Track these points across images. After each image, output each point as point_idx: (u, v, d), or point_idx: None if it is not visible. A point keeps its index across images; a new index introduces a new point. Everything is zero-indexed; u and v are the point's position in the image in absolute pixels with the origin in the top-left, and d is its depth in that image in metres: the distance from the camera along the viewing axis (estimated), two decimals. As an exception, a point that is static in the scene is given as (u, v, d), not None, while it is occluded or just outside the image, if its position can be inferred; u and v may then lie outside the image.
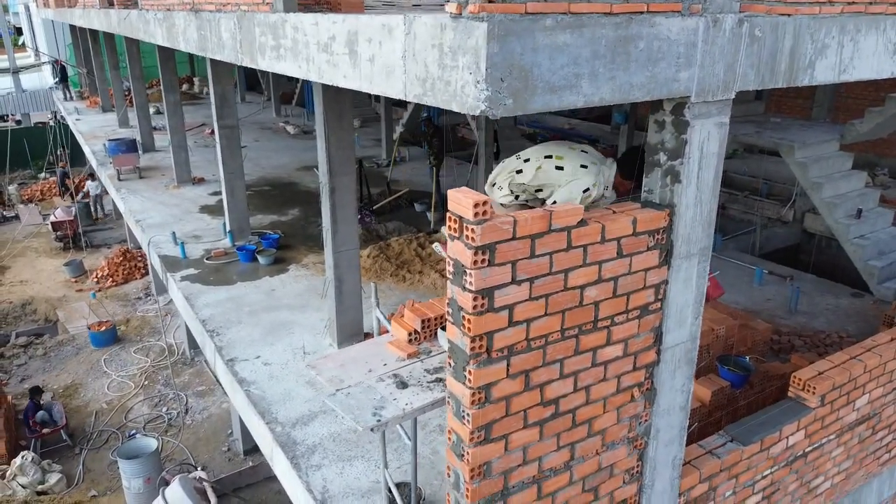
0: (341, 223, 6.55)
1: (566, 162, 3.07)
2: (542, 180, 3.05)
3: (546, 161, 3.10)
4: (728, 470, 4.01)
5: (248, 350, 7.11)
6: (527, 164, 3.12)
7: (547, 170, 3.06)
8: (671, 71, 2.74)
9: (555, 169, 3.06)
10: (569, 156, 3.11)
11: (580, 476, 3.22)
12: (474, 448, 2.79)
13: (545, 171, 3.06)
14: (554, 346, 2.88)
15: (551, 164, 3.08)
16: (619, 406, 3.24)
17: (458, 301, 2.65)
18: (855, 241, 8.41)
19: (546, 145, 3.26)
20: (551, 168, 3.06)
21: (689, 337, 3.37)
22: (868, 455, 5.06)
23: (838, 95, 14.09)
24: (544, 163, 3.09)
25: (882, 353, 4.69)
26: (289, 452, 5.48)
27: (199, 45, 5.29)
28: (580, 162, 3.08)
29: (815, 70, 3.28)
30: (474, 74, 2.30)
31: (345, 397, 3.12)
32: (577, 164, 3.07)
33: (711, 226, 3.24)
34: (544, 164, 3.09)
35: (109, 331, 14.40)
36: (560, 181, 3.00)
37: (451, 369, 2.79)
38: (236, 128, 9.76)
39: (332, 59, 3.28)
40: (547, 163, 3.09)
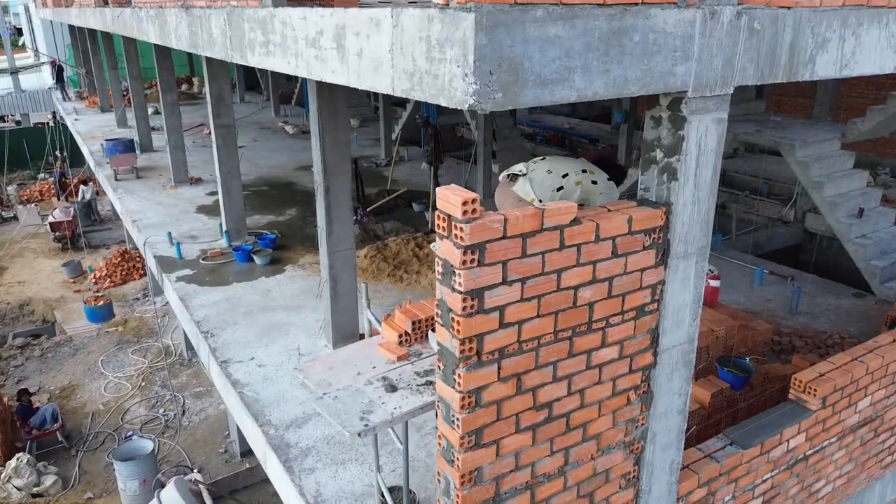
0: (336, 223, 6.47)
1: (597, 176, 3.13)
2: (584, 196, 3.06)
3: (584, 175, 3.13)
4: (727, 474, 3.92)
5: (243, 351, 7.03)
6: (566, 180, 3.11)
7: (586, 185, 3.09)
8: (667, 65, 2.66)
9: (591, 183, 3.10)
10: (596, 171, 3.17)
11: (575, 482, 3.14)
12: (464, 453, 2.71)
13: (585, 186, 3.09)
14: (547, 349, 2.80)
15: (588, 178, 3.12)
16: (615, 410, 3.15)
17: (448, 302, 2.57)
18: (857, 241, 8.32)
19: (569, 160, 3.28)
20: (589, 182, 3.10)
21: (686, 338, 3.29)
22: (870, 458, 4.97)
23: (840, 95, 14.00)
24: (583, 177, 3.12)
25: (884, 354, 4.60)
26: (282, 455, 5.40)
27: (190, 42, 5.21)
28: (605, 176, 3.14)
29: (815, 65, 3.20)
30: (462, 67, 2.22)
31: (332, 401, 3.04)
32: (605, 178, 3.14)
33: (710, 225, 3.16)
34: (583, 178, 3.11)
35: (105, 305, 14.22)
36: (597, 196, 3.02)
37: (441, 373, 2.71)
38: (232, 127, 9.68)
39: (320, 55, 3.20)
40: (584, 177, 3.12)
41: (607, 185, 3.09)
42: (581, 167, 3.15)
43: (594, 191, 3.08)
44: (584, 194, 3.05)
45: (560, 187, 3.10)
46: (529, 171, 3.16)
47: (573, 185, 3.06)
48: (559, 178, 3.10)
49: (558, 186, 3.10)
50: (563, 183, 3.09)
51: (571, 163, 3.22)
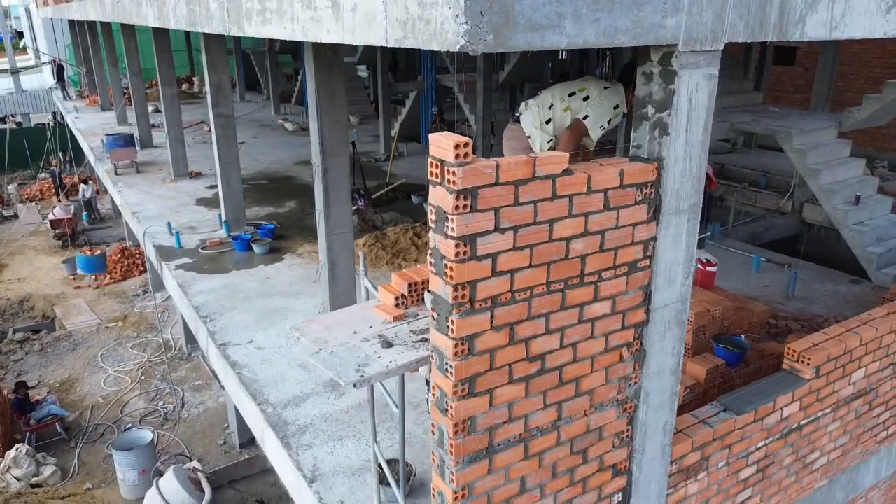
0: (334, 205, 6.50)
1: (590, 90, 3.12)
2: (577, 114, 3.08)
3: (572, 98, 3.12)
4: (721, 440, 3.95)
5: (241, 335, 7.05)
6: (552, 111, 3.12)
7: (577, 106, 3.09)
8: (657, 16, 2.69)
9: (582, 101, 3.10)
10: (590, 84, 3.16)
11: (568, 437, 3.16)
12: (458, 402, 2.74)
13: (575, 107, 3.09)
14: (539, 300, 2.82)
15: (577, 98, 3.11)
16: (608, 366, 3.18)
17: (441, 249, 2.60)
18: (853, 228, 8.35)
19: (561, 86, 3.29)
20: (580, 101, 3.10)
21: (679, 297, 3.31)
22: (865, 432, 4.99)
23: (837, 88, 14.06)
24: (571, 101, 3.11)
25: (878, 326, 4.63)
26: (279, 432, 5.42)
27: (188, 20, 5.26)
28: (602, 85, 3.13)
29: (805, 25, 3.23)
30: (453, 8, 2.26)
31: (328, 356, 3.07)
32: (601, 88, 3.12)
33: (701, 182, 3.19)
34: (571, 102, 3.11)
35: (100, 255, 14.21)
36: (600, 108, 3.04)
37: (435, 322, 2.73)
38: (232, 117, 9.73)
39: (315, 15, 3.24)
40: (573, 100, 3.12)
41: (602, 92, 3.10)
42: (569, 90, 3.18)
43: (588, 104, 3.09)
44: (575, 112, 3.08)
45: (548, 119, 3.13)
46: (523, 110, 3.22)
47: (561, 112, 3.09)
48: (546, 111, 3.13)
49: (546, 119, 3.14)
50: (550, 114, 3.12)
51: (560, 88, 3.26)
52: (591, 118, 3.39)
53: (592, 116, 3.37)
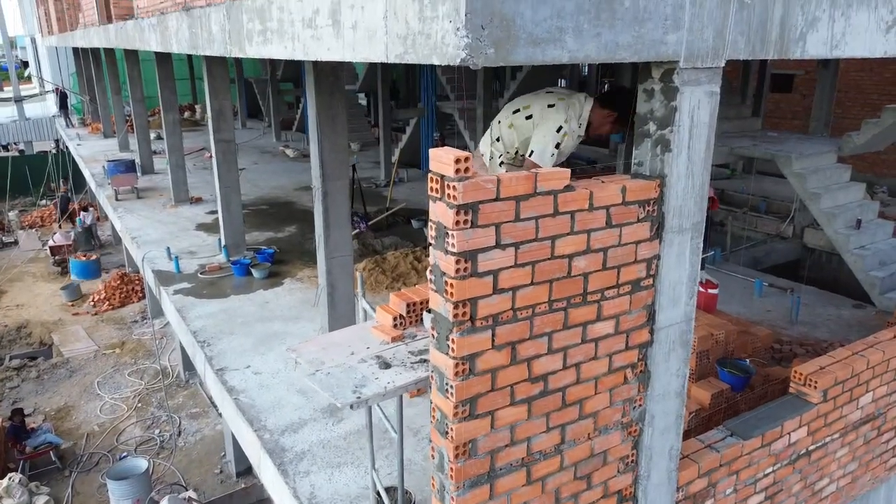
0: (334, 228, 6.47)
1: (533, 108, 3.03)
2: (521, 135, 3.01)
3: (515, 116, 3.06)
4: (728, 465, 3.85)
5: (239, 360, 6.97)
6: (500, 125, 3.07)
7: (520, 124, 3.02)
8: (658, 32, 2.68)
9: (525, 119, 3.02)
10: (535, 101, 3.07)
11: (571, 461, 3.08)
12: (458, 424, 2.66)
13: (518, 125, 3.02)
14: (541, 318, 2.77)
15: (521, 116, 3.04)
16: (612, 388, 3.11)
17: (441, 265, 2.55)
18: (855, 252, 8.31)
19: (513, 101, 3.22)
20: (522, 120, 3.02)
21: (683, 317, 3.25)
22: (874, 458, 4.88)
23: (835, 115, 14.13)
24: (514, 118, 3.05)
25: (885, 349, 4.56)
26: (276, 459, 5.31)
27: (190, 44, 5.28)
28: (546, 103, 3.04)
29: (806, 43, 3.23)
30: (454, 22, 2.24)
31: (325, 377, 2.99)
32: (543, 106, 3.03)
33: (704, 200, 3.16)
34: (514, 119, 3.05)
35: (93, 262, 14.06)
36: (538, 129, 2.95)
37: (435, 341, 2.67)
38: (233, 142, 9.75)
39: (316, 34, 3.23)
40: (517, 117, 3.05)
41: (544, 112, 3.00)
42: (515, 107, 3.13)
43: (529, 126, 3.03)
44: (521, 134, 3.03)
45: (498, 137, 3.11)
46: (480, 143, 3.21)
47: (507, 129, 3.06)
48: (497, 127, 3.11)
49: (497, 137, 3.12)
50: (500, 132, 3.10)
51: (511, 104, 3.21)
52: (535, 154, 3.22)
53: (537, 150, 3.16)
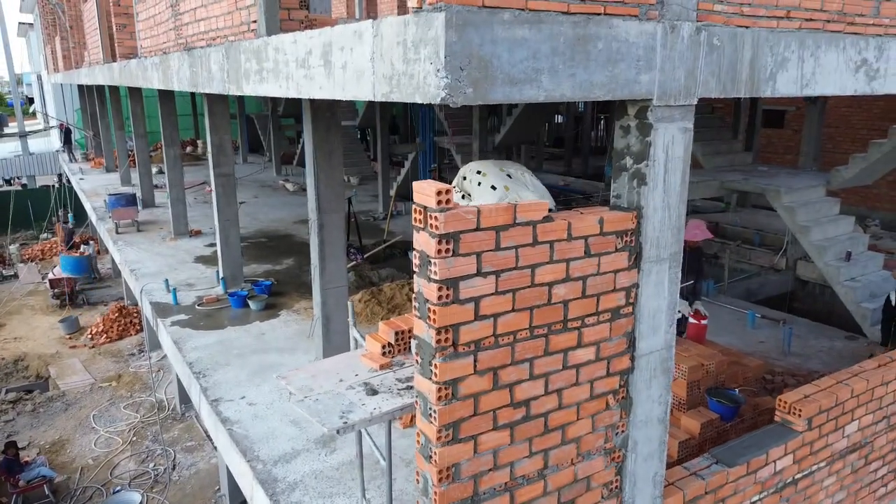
0: (329, 260, 6.59)
1: (485, 178, 3.24)
2: (466, 189, 3.19)
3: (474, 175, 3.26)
4: (714, 493, 3.89)
5: (234, 391, 7.01)
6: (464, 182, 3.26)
7: (471, 181, 3.22)
8: (631, 73, 2.83)
9: (477, 185, 3.22)
10: (491, 173, 3.27)
11: (555, 487, 3.14)
12: (442, 448, 2.73)
13: (469, 182, 3.22)
14: (523, 345, 2.86)
15: (477, 178, 3.24)
16: (594, 414, 3.18)
17: (424, 293, 2.65)
18: (846, 284, 8.41)
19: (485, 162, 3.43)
20: (475, 181, 3.22)
21: (664, 345, 3.34)
22: (863, 487, 4.91)
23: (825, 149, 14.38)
24: (473, 176, 3.25)
25: (869, 378, 4.63)
26: (269, 489, 5.33)
27: (191, 82, 5.47)
28: (492, 182, 3.23)
29: (777, 82, 3.38)
30: (434, 63, 2.39)
31: (313, 403, 3.07)
32: (489, 184, 3.22)
33: (681, 231, 3.27)
34: (471, 176, 3.24)
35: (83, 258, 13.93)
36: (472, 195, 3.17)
37: (419, 367, 2.76)
38: (232, 176, 9.93)
39: (308, 73, 3.39)
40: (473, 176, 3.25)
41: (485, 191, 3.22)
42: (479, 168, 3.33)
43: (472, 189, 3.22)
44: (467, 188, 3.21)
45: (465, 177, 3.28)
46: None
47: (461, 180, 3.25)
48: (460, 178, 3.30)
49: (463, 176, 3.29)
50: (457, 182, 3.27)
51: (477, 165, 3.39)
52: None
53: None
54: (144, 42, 7.39)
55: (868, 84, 3.81)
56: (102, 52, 10.59)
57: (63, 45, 17.81)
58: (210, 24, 5.00)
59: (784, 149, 17.70)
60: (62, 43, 17.95)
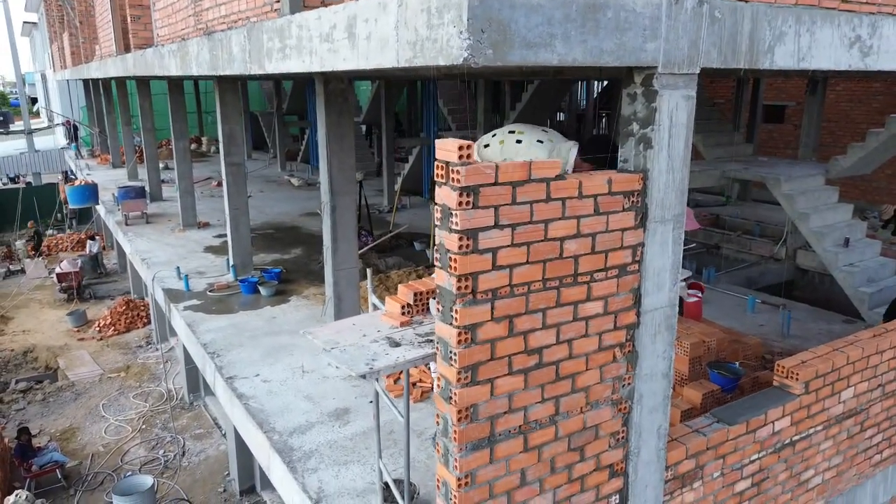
0: (341, 241, 6.79)
1: (525, 136, 3.33)
2: (506, 154, 3.31)
3: (509, 136, 3.37)
4: (714, 449, 4.09)
5: (248, 369, 7.21)
6: (493, 139, 3.38)
7: (509, 144, 3.32)
8: (638, 41, 3.03)
9: (515, 143, 3.33)
10: (529, 132, 3.38)
11: (566, 433, 3.33)
12: (461, 389, 2.93)
13: (508, 145, 3.32)
14: (536, 295, 3.06)
15: (513, 138, 3.35)
16: (602, 365, 3.38)
17: (445, 244, 2.85)
18: (844, 269, 8.60)
19: (513, 124, 3.54)
20: (513, 142, 3.33)
21: (667, 302, 3.54)
22: (859, 453, 5.10)
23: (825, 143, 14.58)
24: (507, 137, 3.36)
25: (864, 346, 4.82)
26: (285, 458, 5.53)
27: (210, 65, 5.67)
28: (537, 137, 3.35)
29: (774, 55, 3.58)
30: (457, 27, 2.59)
31: (340, 353, 3.27)
32: (534, 140, 3.33)
33: (684, 194, 3.47)
34: (507, 138, 3.35)
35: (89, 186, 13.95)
36: (518, 154, 3.27)
37: (440, 314, 2.96)
38: (242, 165, 10.14)
39: (332, 47, 3.59)
40: (510, 137, 3.36)
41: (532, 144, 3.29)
42: (511, 129, 3.43)
43: (516, 150, 3.31)
44: (507, 153, 3.31)
45: (486, 144, 3.41)
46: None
47: (497, 144, 3.36)
48: (489, 137, 3.41)
49: (485, 144, 3.41)
50: (490, 141, 3.40)
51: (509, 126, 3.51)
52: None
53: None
54: (161, 31, 7.60)
55: (862, 60, 4.01)
56: (115, 45, 10.80)
57: (72, 41, 18.03)
58: (232, 7, 5.20)
59: (784, 143, 17.91)
60: (70, 39, 18.17)
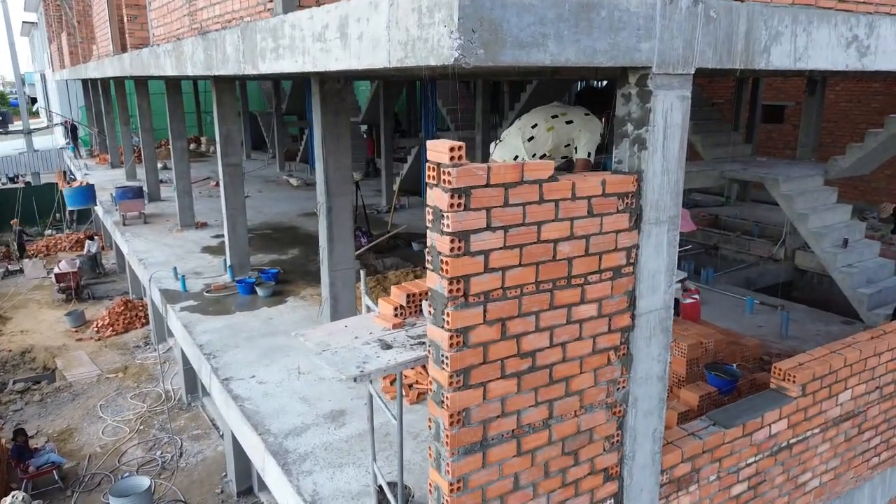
0: (337, 242, 6.76)
1: (571, 115, 3.24)
2: (563, 138, 3.19)
3: (554, 120, 3.26)
4: (710, 452, 4.05)
5: (244, 370, 7.18)
6: (536, 130, 3.26)
7: (560, 128, 3.21)
8: (632, 41, 3.00)
9: (566, 124, 3.22)
10: (569, 110, 3.29)
11: (560, 436, 3.30)
12: (453, 393, 2.90)
13: (559, 129, 3.21)
14: (529, 298, 3.02)
15: (560, 120, 3.23)
16: (596, 368, 3.35)
17: (437, 246, 2.82)
18: (843, 270, 8.57)
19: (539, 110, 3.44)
20: (563, 125, 3.22)
21: (663, 304, 3.51)
22: (856, 456, 5.07)
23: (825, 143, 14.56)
24: (554, 122, 3.24)
25: (862, 348, 4.79)
26: (280, 460, 5.50)
27: (205, 65, 5.64)
28: (583, 112, 3.26)
29: (771, 55, 3.55)
30: (448, 26, 2.55)
31: (331, 355, 3.24)
32: (580, 114, 3.24)
33: (679, 196, 3.44)
34: (555, 123, 3.24)
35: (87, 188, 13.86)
36: (578, 132, 3.17)
37: (432, 318, 2.93)
38: (240, 166, 10.11)
39: (325, 47, 3.56)
40: (556, 122, 3.24)
41: (585, 119, 3.22)
42: (552, 112, 3.37)
43: (570, 129, 3.23)
44: (560, 137, 3.24)
45: (531, 137, 3.32)
46: (503, 136, 3.41)
47: (545, 133, 3.28)
48: (529, 129, 3.32)
49: (529, 137, 3.33)
50: (534, 133, 3.31)
51: (543, 111, 3.43)
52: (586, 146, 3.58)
53: (586, 143, 3.56)
54: (157, 30, 7.57)
55: (859, 60, 3.97)
56: (112, 44, 10.78)
57: (70, 41, 18.00)
58: (226, 6, 5.18)
59: (783, 143, 17.89)
60: (69, 39, 18.15)
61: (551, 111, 3.42)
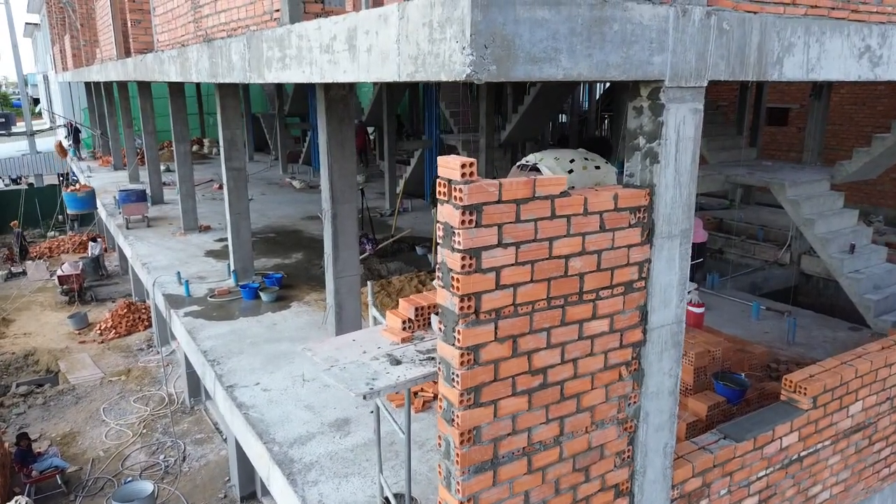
0: (342, 249, 6.72)
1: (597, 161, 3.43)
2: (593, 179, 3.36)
3: (587, 162, 3.44)
4: (721, 466, 4.02)
5: (248, 377, 7.15)
6: (574, 165, 3.43)
7: (591, 170, 3.40)
8: (645, 54, 2.96)
9: (595, 169, 3.40)
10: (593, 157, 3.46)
11: (570, 453, 3.26)
12: (464, 411, 2.86)
13: (590, 172, 3.41)
14: (541, 314, 2.99)
15: (591, 164, 3.43)
16: (608, 384, 3.31)
17: (448, 263, 2.78)
18: (850, 276, 8.51)
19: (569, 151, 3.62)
20: (593, 168, 3.40)
21: (674, 319, 3.47)
22: (867, 467, 5.02)
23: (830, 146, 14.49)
24: (587, 164, 3.43)
25: (873, 359, 4.75)
26: (286, 469, 5.47)
27: (210, 73, 5.60)
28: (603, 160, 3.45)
29: (783, 67, 3.51)
30: (460, 42, 2.52)
31: (340, 371, 3.21)
32: (603, 162, 3.43)
33: (691, 209, 3.40)
34: (588, 164, 3.43)
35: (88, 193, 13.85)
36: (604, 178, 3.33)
37: (442, 335, 2.89)
38: (244, 170, 10.07)
39: (333, 58, 3.53)
40: (588, 163, 3.43)
41: (608, 167, 3.42)
42: (583, 155, 3.49)
43: (598, 175, 3.41)
44: (592, 178, 3.37)
45: (570, 171, 3.42)
46: (538, 160, 3.49)
47: (581, 170, 3.38)
48: (568, 164, 3.42)
49: (569, 170, 3.42)
50: (573, 167, 3.41)
51: (575, 153, 3.57)
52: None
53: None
54: (161, 36, 7.54)
55: (872, 70, 3.93)
56: (116, 48, 10.75)
57: (73, 44, 17.99)
58: (231, 14, 5.14)
59: (788, 146, 17.82)
60: (72, 41, 18.14)
61: (582, 154, 3.56)
